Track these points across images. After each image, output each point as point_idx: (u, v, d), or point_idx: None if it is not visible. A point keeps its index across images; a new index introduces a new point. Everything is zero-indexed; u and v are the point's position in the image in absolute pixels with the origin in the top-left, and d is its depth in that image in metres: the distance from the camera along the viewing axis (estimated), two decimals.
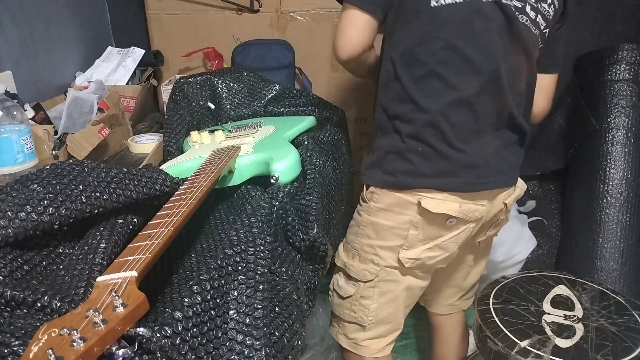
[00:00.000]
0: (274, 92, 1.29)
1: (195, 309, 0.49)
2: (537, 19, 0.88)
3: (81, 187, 0.60)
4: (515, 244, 1.54)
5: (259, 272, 0.60)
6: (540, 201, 1.79)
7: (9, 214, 0.53)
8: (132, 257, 0.47)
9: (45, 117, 1.17)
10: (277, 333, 0.57)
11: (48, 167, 0.63)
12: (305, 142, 1.01)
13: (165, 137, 1.08)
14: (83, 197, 0.59)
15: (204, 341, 0.49)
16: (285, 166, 0.86)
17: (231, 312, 0.54)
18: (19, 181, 0.60)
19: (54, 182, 0.59)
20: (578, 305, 1.09)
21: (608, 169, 1.55)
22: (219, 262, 0.58)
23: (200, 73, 1.30)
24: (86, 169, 0.65)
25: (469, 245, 1.03)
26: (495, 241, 1.48)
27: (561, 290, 1.15)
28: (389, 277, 0.93)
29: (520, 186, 1.00)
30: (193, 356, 0.46)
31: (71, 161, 0.66)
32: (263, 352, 0.51)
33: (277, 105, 1.28)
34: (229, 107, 1.27)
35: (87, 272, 0.52)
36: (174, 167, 0.87)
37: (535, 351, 0.94)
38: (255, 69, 1.42)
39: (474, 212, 0.89)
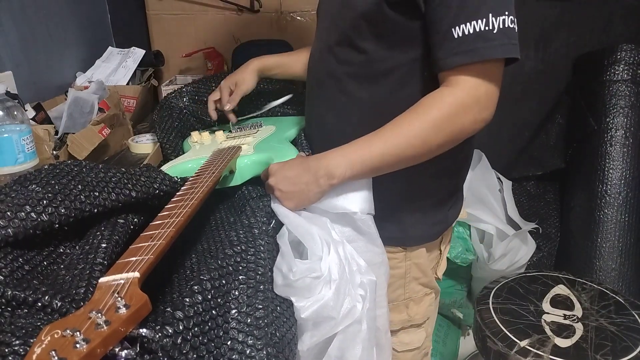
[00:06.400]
0: (275, 93, 1.28)
1: (196, 308, 0.49)
2: None
3: (80, 186, 0.60)
4: (516, 252, 1.54)
5: (259, 273, 0.60)
6: (539, 201, 1.79)
7: (8, 214, 0.53)
8: (134, 258, 0.47)
9: (45, 117, 1.17)
10: (278, 333, 0.57)
11: (46, 167, 0.63)
12: (306, 142, 1.01)
13: (160, 141, 1.08)
14: (82, 197, 0.59)
15: (205, 340, 0.49)
16: None
17: (232, 311, 0.54)
18: (17, 181, 0.60)
19: (53, 182, 0.59)
20: (577, 305, 1.09)
21: (607, 169, 1.55)
22: (219, 262, 0.58)
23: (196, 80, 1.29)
24: (84, 169, 0.64)
25: None
26: (498, 252, 1.49)
27: (561, 290, 1.15)
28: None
29: None
30: (195, 355, 0.46)
31: (69, 161, 0.66)
32: (264, 352, 0.51)
33: (278, 105, 1.27)
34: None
35: (87, 271, 0.52)
36: (175, 168, 0.87)
37: (535, 351, 0.95)
38: None
39: None
